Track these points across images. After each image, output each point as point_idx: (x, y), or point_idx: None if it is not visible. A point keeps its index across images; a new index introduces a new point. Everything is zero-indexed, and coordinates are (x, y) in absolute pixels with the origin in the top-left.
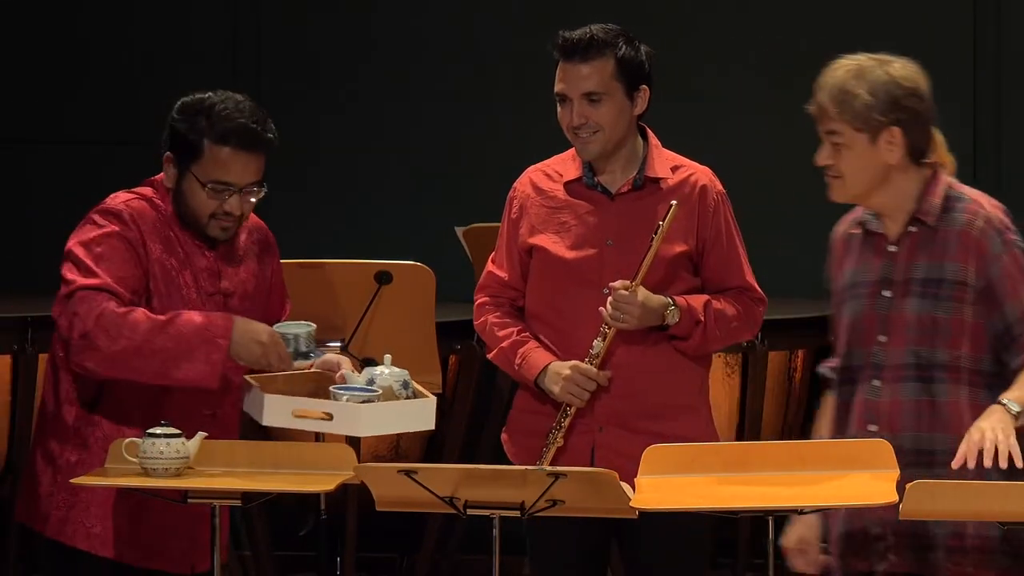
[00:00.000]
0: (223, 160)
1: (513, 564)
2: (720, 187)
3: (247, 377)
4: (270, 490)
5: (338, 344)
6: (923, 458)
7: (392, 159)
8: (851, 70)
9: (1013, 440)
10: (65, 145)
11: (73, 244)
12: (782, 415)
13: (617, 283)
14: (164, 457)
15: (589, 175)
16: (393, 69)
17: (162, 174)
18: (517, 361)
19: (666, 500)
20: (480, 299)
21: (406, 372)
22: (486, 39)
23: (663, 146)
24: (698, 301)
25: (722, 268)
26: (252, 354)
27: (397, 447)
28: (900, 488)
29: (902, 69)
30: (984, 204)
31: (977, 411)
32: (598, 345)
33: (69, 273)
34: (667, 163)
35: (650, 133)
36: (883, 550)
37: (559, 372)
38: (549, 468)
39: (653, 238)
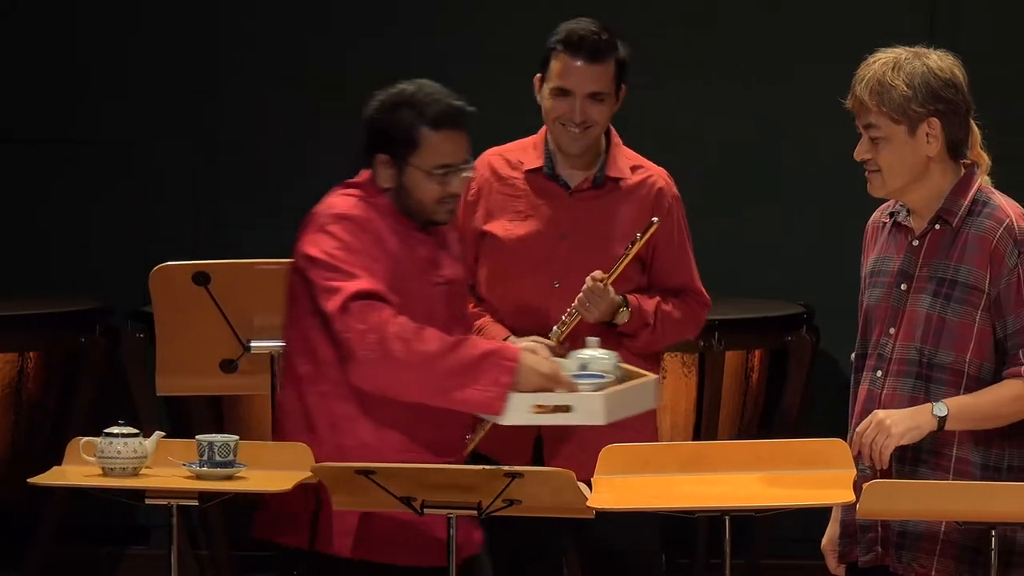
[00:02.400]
0: (441, 143)
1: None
2: (675, 190)
3: None
4: (227, 490)
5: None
6: (907, 454)
7: (348, 156)
8: (887, 63)
9: (890, 443)
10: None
11: (318, 252)
12: (739, 415)
13: (597, 273)
14: (122, 456)
15: (550, 166)
16: (348, 69)
17: (361, 175)
18: (474, 330)
19: (623, 500)
20: None
21: (615, 353)
22: (440, 37)
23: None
24: (649, 304)
25: (671, 269)
26: (531, 382)
27: None
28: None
29: (939, 60)
30: (1010, 212)
31: None
32: (556, 331)
33: (331, 281)
34: (627, 162)
35: (612, 131)
36: (870, 542)
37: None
38: (506, 468)
39: (629, 247)
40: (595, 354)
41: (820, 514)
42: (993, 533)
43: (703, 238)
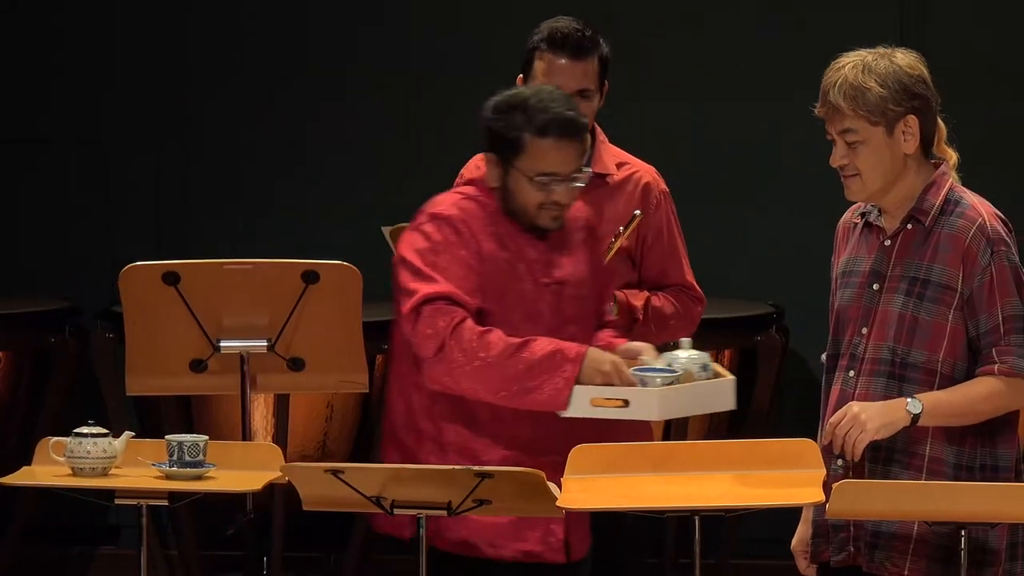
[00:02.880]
0: (546, 151)
1: None
2: (663, 186)
3: None
4: (197, 490)
5: (264, 343)
6: (880, 455)
7: (318, 158)
8: (856, 65)
9: (864, 437)
10: None
11: (408, 252)
12: (709, 415)
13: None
14: (91, 456)
15: None
16: (321, 69)
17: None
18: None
19: (593, 500)
20: None
21: (706, 355)
22: (412, 39)
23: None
24: (639, 299)
25: (662, 265)
26: (593, 381)
27: (324, 446)
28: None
29: (905, 58)
30: (983, 212)
31: None
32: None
33: (410, 282)
34: (613, 159)
35: (598, 128)
36: (842, 542)
37: None
38: (476, 468)
39: (613, 241)
40: (680, 354)
41: (790, 514)
42: (963, 533)
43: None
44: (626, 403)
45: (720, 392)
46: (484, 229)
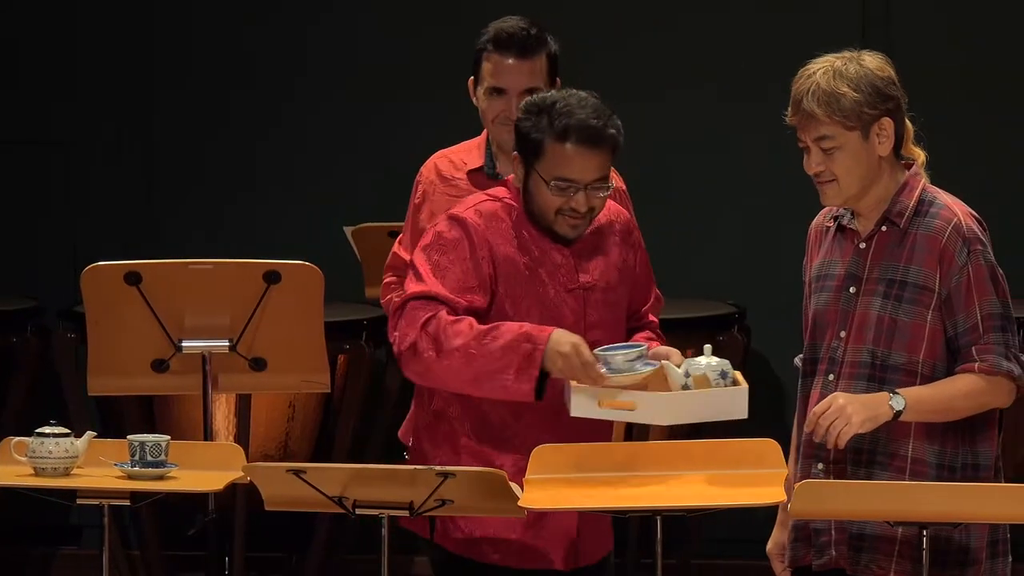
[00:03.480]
0: (564, 157)
1: (402, 564)
2: (621, 184)
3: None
4: (159, 490)
5: (226, 343)
6: (863, 457)
7: (280, 158)
8: (827, 72)
9: (849, 430)
10: None
11: (416, 251)
12: None
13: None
14: (53, 456)
15: (491, 165)
16: (281, 70)
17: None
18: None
19: (555, 500)
20: (388, 278)
21: (726, 362)
22: (373, 40)
23: None
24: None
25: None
26: (555, 364)
27: (286, 447)
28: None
29: (873, 60)
30: (958, 212)
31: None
32: None
33: (407, 282)
34: None
35: None
36: (823, 545)
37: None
38: (438, 468)
39: None
40: (700, 360)
41: (752, 514)
42: (924, 533)
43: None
44: (634, 406)
45: (732, 400)
46: (505, 232)
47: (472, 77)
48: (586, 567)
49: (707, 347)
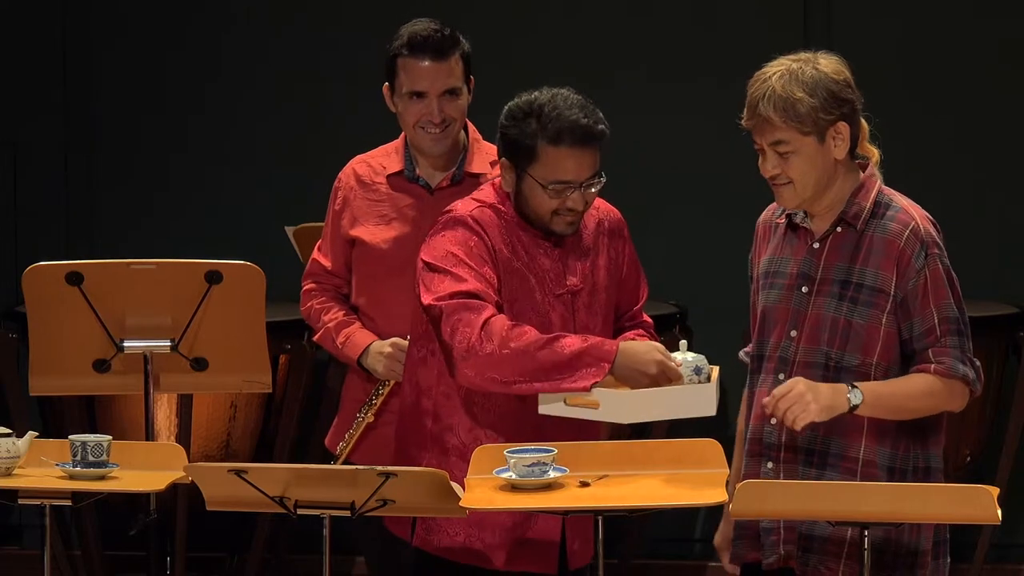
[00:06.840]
0: (560, 160)
1: (343, 563)
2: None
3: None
4: (100, 490)
5: (167, 343)
6: (814, 458)
7: (221, 158)
8: (783, 76)
9: (807, 416)
10: None
11: (431, 256)
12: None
13: None
14: None
15: (411, 168)
16: (228, 71)
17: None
18: (340, 340)
19: (495, 500)
20: (307, 285)
21: (702, 357)
22: (311, 38)
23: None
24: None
25: None
26: (639, 384)
27: (227, 446)
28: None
29: (829, 63)
30: (915, 215)
31: (876, 420)
32: None
33: (435, 284)
34: (487, 158)
35: (471, 126)
36: (773, 544)
37: (380, 351)
38: (379, 468)
39: None
40: (677, 356)
41: (694, 513)
42: (866, 533)
43: None
44: (597, 404)
45: (699, 397)
46: (498, 236)
47: (387, 83)
48: (580, 569)
49: (683, 343)
